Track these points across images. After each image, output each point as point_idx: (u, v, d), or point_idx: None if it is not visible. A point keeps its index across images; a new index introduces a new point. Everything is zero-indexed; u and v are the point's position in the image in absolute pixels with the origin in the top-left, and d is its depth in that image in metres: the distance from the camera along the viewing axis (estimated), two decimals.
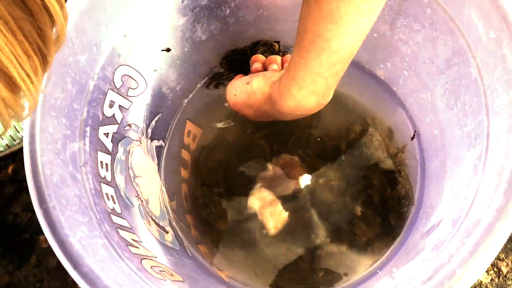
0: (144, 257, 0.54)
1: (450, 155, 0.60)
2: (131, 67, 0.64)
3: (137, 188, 0.65)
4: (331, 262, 0.72)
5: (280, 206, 0.75)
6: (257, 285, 0.71)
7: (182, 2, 0.65)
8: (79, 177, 0.53)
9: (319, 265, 0.71)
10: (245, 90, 0.61)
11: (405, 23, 0.62)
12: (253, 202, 0.75)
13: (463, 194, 0.51)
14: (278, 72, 0.60)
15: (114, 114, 0.62)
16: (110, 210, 0.55)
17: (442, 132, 0.63)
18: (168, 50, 0.69)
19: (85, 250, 0.45)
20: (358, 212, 0.73)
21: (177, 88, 0.75)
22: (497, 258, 0.78)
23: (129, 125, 0.65)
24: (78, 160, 0.54)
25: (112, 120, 0.62)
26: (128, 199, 0.62)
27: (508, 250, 0.78)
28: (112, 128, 0.62)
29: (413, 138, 0.73)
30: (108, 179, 0.59)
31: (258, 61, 0.67)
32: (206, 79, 0.79)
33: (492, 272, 0.78)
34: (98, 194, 0.55)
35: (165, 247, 0.64)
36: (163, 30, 0.66)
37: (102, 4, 0.57)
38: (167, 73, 0.71)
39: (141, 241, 0.58)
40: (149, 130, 0.71)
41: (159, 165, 0.74)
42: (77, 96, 0.56)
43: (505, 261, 0.78)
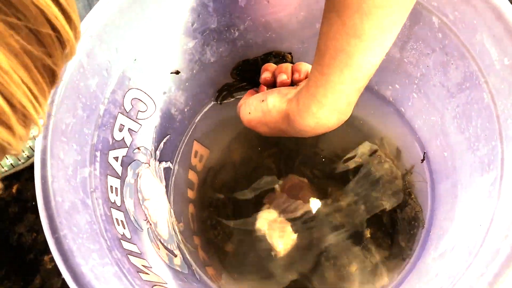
0: (155, 283, 0.54)
1: (462, 179, 0.60)
2: (141, 90, 0.64)
3: (146, 211, 0.65)
4: (341, 285, 0.71)
5: (289, 228, 0.74)
6: None
7: (192, 25, 0.65)
8: (90, 203, 0.53)
9: None
10: (260, 108, 0.59)
11: (415, 47, 0.62)
12: (262, 224, 0.74)
13: (477, 220, 0.51)
14: (293, 89, 0.58)
15: (123, 138, 0.62)
16: (120, 236, 0.55)
17: (452, 155, 0.63)
18: (177, 72, 0.69)
19: (97, 279, 0.45)
20: (368, 234, 0.73)
21: (185, 110, 0.75)
22: None
23: (138, 148, 0.65)
24: (88, 186, 0.54)
25: (122, 143, 0.62)
26: (137, 223, 0.61)
27: None
28: (122, 152, 0.62)
29: (423, 160, 0.72)
30: (118, 203, 0.58)
31: (268, 70, 0.65)
32: (216, 93, 0.78)
33: None
34: (109, 219, 0.54)
35: (174, 271, 0.63)
36: (172, 53, 0.66)
37: (113, 29, 0.57)
38: (176, 95, 0.71)
39: (151, 267, 0.57)
40: (158, 152, 0.70)
41: (167, 187, 0.73)
42: (88, 121, 0.56)
43: None
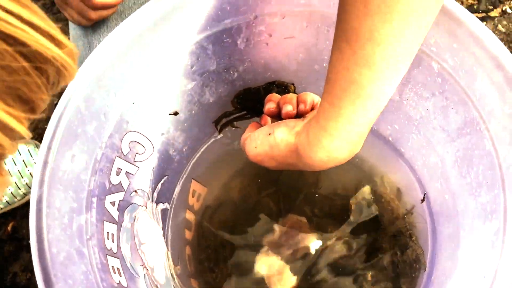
0: None
1: (464, 224, 0.59)
2: (139, 132, 0.63)
3: (143, 256, 0.63)
4: None
5: (288, 270, 0.73)
6: None
7: (191, 68, 0.65)
8: (86, 252, 0.52)
9: None
10: (267, 142, 0.57)
11: (414, 90, 0.62)
12: (260, 267, 0.73)
13: (480, 271, 0.50)
14: (300, 121, 0.56)
15: (120, 182, 0.61)
16: (116, 285, 0.54)
17: (454, 198, 0.62)
18: (176, 113, 0.68)
19: None
20: (369, 276, 0.72)
21: (184, 149, 0.74)
22: None
23: (135, 191, 0.64)
24: (84, 234, 0.53)
25: (119, 187, 0.61)
26: (134, 270, 0.60)
27: None
28: (119, 196, 0.61)
29: (423, 201, 0.71)
30: (114, 250, 0.57)
31: (272, 100, 0.63)
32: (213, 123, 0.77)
33: None
34: (105, 268, 0.53)
35: None
36: (171, 94, 0.66)
37: (112, 73, 0.57)
38: (174, 136, 0.71)
39: None
40: (155, 194, 0.69)
41: (164, 229, 0.72)
42: (85, 167, 0.55)
43: None
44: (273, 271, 0.72)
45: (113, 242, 0.57)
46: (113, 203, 0.59)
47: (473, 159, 0.55)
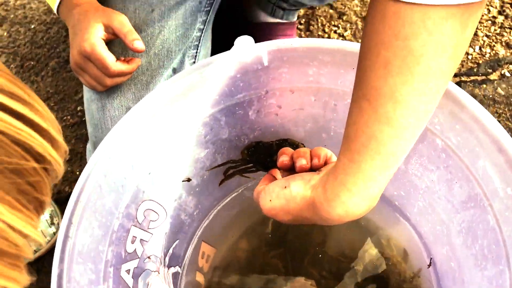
0: None
1: None
2: (153, 200, 0.66)
3: None
4: None
5: None
6: None
7: (204, 137, 0.68)
8: None
9: None
10: (283, 195, 0.57)
11: (419, 161, 0.65)
12: None
13: None
14: (316, 174, 0.56)
15: (135, 249, 0.63)
16: None
17: (460, 267, 0.64)
18: (188, 180, 0.71)
19: None
20: None
21: (194, 213, 0.76)
22: None
23: (149, 257, 0.66)
24: None
25: (133, 255, 0.63)
26: None
27: None
28: (133, 264, 0.62)
29: (429, 265, 0.73)
30: None
31: (286, 154, 0.64)
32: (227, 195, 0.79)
33: None
34: None
35: None
36: (184, 163, 0.69)
37: (130, 148, 0.59)
38: (186, 201, 0.73)
39: None
40: (167, 258, 0.71)
41: None
42: (103, 238, 0.57)
43: None
44: None
45: None
46: (128, 271, 0.61)
47: (478, 232, 0.57)
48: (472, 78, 1.01)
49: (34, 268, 0.94)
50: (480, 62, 1.03)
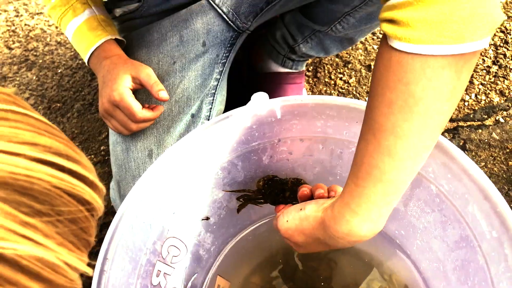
0: None
1: None
2: (176, 238, 0.73)
3: None
4: None
5: None
6: None
7: (222, 180, 0.75)
8: None
9: None
10: (298, 216, 0.64)
11: (417, 204, 0.71)
12: None
13: None
14: (329, 200, 0.62)
15: (159, 282, 0.70)
16: None
17: None
18: (207, 218, 0.78)
19: None
20: None
21: (211, 249, 0.83)
22: None
23: None
24: None
25: (158, 287, 0.69)
26: None
27: None
28: None
29: None
30: None
31: (306, 187, 0.70)
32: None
33: None
34: None
35: None
36: (204, 203, 0.76)
37: (158, 193, 0.67)
38: (204, 237, 0.80)
39: None
40: None
41: None
42: (133, 272, 0.64)
43: None
44: None
45: None
46: None
47: (470, 269, 0.64)
48: (468, 123, 1.08)
49: None
50: (476, 108, 1.10)
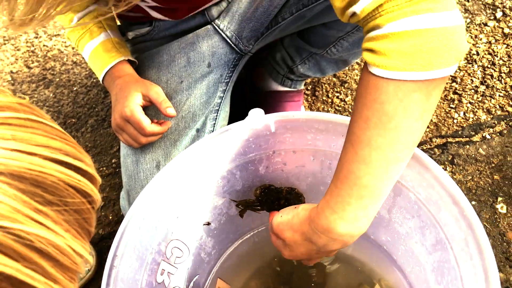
0: None
1: None
2: (179, 240, 0.80)
3: None
4: None
5: None
6: None
7: (222, 188, 0.82)
8: None
9: None
10: (291, 212, 0.71)
11: (399, 211, 0.78)
12: None
13: None
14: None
15: (163, 280, 0.77)
16: None
17: None
18: (208, 224, 0.85)
19: None
20: None
21: (212, 252, 0.90)
22: None
23: None
24: None
25: (162, 285, 0.76)
26: None
27: None
28: None
29: None
30: None
31: None
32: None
33: None
34: None
35: None
36: (205, 209, 0.83)
37: (163, 197, 0.74)
38: (206, 241, 0.87)
39: None
40: None
41: None
42: (139, 269, 0.71)
43: None
44: None
45: None
46: None
47: (444, 270, 0.70)
48: (457, 139, 1.15)
49: None
50: (464, 125, 1.17)
